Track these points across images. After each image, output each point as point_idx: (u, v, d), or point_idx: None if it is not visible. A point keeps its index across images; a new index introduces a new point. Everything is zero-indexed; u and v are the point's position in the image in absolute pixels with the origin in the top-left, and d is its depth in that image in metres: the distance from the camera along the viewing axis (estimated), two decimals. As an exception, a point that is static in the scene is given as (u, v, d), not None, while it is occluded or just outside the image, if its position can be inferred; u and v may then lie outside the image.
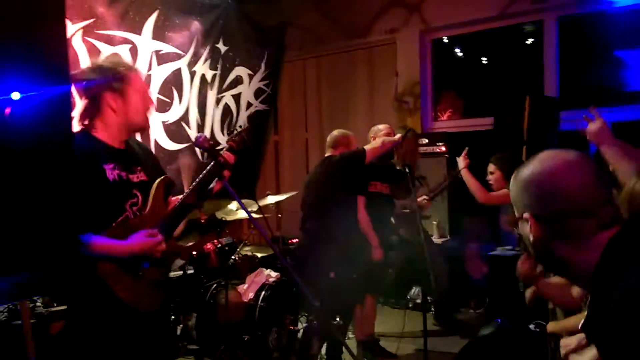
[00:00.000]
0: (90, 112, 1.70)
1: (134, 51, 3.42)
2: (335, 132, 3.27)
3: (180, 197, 1.79)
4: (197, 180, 1.76)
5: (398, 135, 3.06)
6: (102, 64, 1.74)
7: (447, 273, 3.75)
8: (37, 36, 0.86)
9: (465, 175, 3.34)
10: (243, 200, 1.87)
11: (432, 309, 3.99)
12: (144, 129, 1.90)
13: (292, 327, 2.96)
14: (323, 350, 2.99)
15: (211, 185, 1.78)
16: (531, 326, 2.28)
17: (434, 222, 4.29)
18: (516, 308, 3.00)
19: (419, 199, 3.31)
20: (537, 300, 2.65)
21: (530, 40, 4.63)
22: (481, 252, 3.93)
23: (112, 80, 1.69)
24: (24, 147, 0.82)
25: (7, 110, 0.78)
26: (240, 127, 2.06)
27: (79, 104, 1.74)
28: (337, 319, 2.22)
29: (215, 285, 3.04)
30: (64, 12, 0.94)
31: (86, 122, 1.70)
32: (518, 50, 4.74)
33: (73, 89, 1.71)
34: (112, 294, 1.58)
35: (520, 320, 2.92)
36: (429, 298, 3.86)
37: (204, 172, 1.76)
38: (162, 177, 1.79)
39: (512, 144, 3.55)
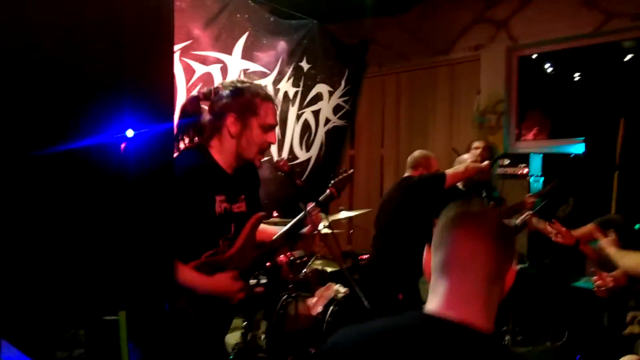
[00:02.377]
0: (210, 129, 1.67)
1: (224, 70, 3.67)
2: (416, 153, 3.25)
3: (269, 241, 1.78)
4: (286, 227, 1.77)
5: (486, 162, 2.97)
6: (239, 85, 1.70)
7: None
8: (149, 76, 0.99)
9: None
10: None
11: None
12: (254, 165, 1.77)
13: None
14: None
15: (301, 231, 1.77)
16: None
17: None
18: (597, 343, 2.81)
19: (522, 217, 3.17)
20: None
21: (628, 57, 4.31)
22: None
23: (239, 104, 1.64)
24: (134, 179, 0.95)
25: (123, 146, 0.91)
26: (345, 170, 2.00)
27: (205, 117, 1.71)
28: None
29: (286, 296, 3.15)
30: (173, 52, 1.07)
31: (203, 136, 1.67)
32: (614, 67, 4.43)
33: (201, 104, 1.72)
34: (185, 328, 1.54)
35: (601, 357, 2.73)
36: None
37: (296, 219, 1.76)
38: (259, 216, 1.72)
39: (604, 168, 3.34)
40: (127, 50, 0.99)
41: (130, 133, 0.93)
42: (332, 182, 1.93)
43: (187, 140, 1.67)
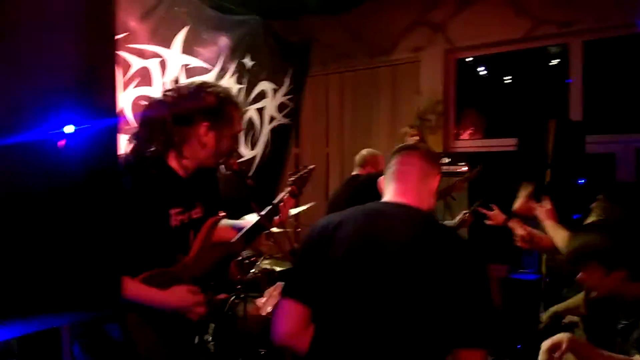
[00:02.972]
0: (176, 136, 1.50)
1: (163, 65, 3.52)
2: (364, 152, 3.28)
3: (226, 244, 1.69)
4: (245, 229, 1.67)
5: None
6: (210, 89, 1.54)
7: None
8: (91, 68, 0.90)
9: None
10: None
11: None
12: (213, 169, 1.67)
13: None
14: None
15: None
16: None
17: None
18: (533, 333, 2.97)
19: (459, 216, 3.28)
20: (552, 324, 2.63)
21: (555, 61, 4.61)
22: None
23: (214, 112, 1.50)
24: (74, 180, 0.86)
25: (61, 143, 0.82)
26: (305, 167, 1.96)
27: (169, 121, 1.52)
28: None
29: (234, 297, 3.07)
30: (115, 43, 0.99)
31: (168, 146, 1.49)
32: (542, 71, 4.72)
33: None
34: (133, 347, 1.42)
35: (538, 346, 2.88)
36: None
37: (254, 222, 1.68)
38: (214, 219, 1.62)
39: (536, 166, 3.53)
40: (65, 38, 0.90)
41: (69, 129, 0.84)
42: (292, 179, 1.87)
43: (149, 148, 1.50)
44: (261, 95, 4.48)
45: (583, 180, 3.55)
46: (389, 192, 1.50)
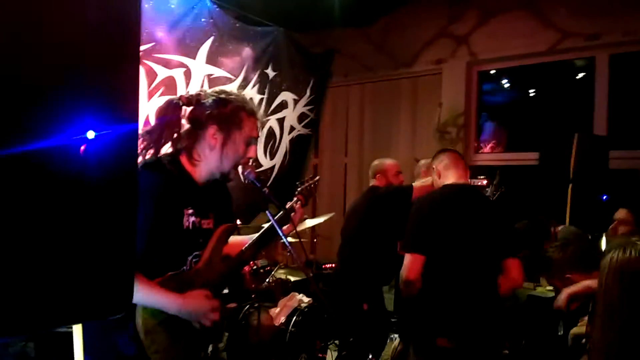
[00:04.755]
0: (187, 138, 1.55)
1: (187, 74, 3.60)
2: (374, 162, 3.29)
3: (238, 252, 1.69)
4: (256, 236, 1.69)
5: None
6: (223, 96, 1.59)
7: None
8: (113, 75, 0.93)
9: None
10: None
11: None
12: (227, 178, 1.66)
13: (320, 355, 2.96)
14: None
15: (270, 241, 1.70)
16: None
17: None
18: (553, 352, 2.89)
19: None
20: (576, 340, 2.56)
21: (580, 75, 4.54)
22: None
23: (223, 116, 1.54)
24: (94, 185, 0.89)
25: (82, 148, 0.85)
26: (311, 178, 1.96)
27: (184, 125, 1.60)
28: (370, 356, 2.19)
29: (248, 306, 3.09)
30: (139, 51, 1.02)
31: (178, 145, 1.55)
32: (567, 85, 4.65)
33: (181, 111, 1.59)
34: (144, 353, 1.43)
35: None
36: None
37: (264, 229, 1.69)
38: (226, 227, 1.64)
39: (558, 181, 3.47)
40: (90, 47, 0.94)
41: (91, 134, 0.87)
42: (299, 189, 1.89)
43: (161, 147, 1.55)
44: (282, 106, 4.52)
45: (606, 197, 3.47)
46: (453, 176, 2.31)
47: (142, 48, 3.26)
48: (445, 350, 2.03)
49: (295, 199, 1.83)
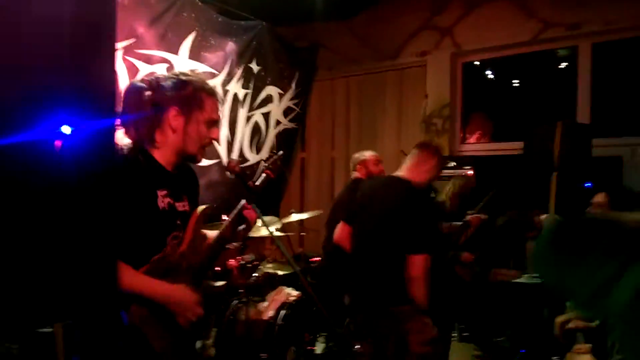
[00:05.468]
0: (148, 122, 1.53)
1: (170, 70, 3.56)
2: (354, 155, 3.32)
3: (216, 232, 1.70)
4: (233, 214, 1.68)
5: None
6: (182, 77, 1.57)
7: None
8: (88, 69, 0.92)
9: None
10: (266, 217, 1.84)
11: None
12: (195, 160, 1.65)
13: (309, 347, 2.97)
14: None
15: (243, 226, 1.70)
16: (554, 358, 2.24)
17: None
18: (539, 338, 2.94)
19: (469, 216, 3.27)
20: (566, 331, 2.60)
21: (563, 65, 4.58)
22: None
23: (182, 97, 1.53)
24: (71, 180, 0.87)
25: (58, 144, 0.84)
26: (274, 152, 1.95)
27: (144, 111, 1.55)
28: (357, 346, 2.21)
29: (236, 301, 3.09)
30: (115, 45, 1.01)
31: (145, 135, 1.53)
32: (550, 74, 4.69)
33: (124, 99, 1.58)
34: (145, 342, 1.43)
35: (542, 351, 2.86)
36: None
37: (239, 207, 1.69)
38: (204, 207, 1.65)
39: (542, 170, 3.51)
40: (64, 40, 0.92)
41: (67, 130, 0.85)
42: (265, 164, 1.87)
43: (127, 134, 1.54)
44: (267, 100, 4.51)
45: (590, 184, 3.51)
46: (400, 168, 2.58)
47: (123, 44, 3.22)
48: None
49: (263, 174, 1.79)
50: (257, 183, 1.73)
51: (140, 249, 1.47)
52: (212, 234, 1.76)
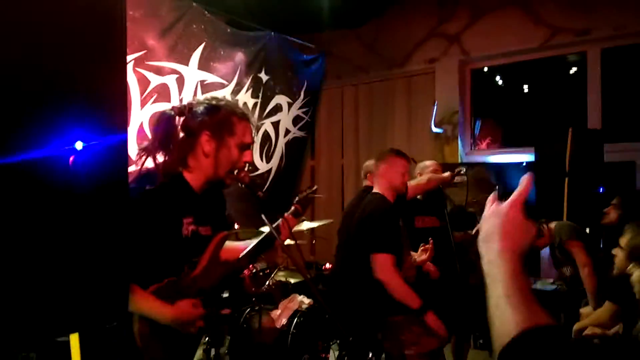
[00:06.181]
0: (181, 147, 1.56)
1: (180, 81, 3.60)
2: (366, 162, 3.32)
3: (235, 260, 1.71)
4: (251, 246, 1.70)
5: (447, 173, 3.03)
6: (214, 102, 1.60)
7: None
8: (100, 85, 0.93)
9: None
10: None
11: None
12: (224, 184, 1.65)
13: (323, 355, 2.96)
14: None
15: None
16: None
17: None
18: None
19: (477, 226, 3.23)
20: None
21: (573, 70, 4.55)
22: None
23: (214, 122, 1.55)
24: (83, 195, 0.89)
25: (71, 159, 0.85)
26: (310, 188, 1.98)
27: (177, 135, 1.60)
28: (370, 355, 2.20)
29: (249, 310, 3.09)
30: (126, 60, 1.02)
31: (177, 160, 1.55)
32: (560, 80, 4.67)
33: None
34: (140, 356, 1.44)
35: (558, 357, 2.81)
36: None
37: (260, 239, 1.71)
38: (224, 234, 1.66)
39: (554, 176, 3.48)
40: (76, 58, 0.94)
41: (79, 145, 0.87)
42: (297, 198, 1.89)
43: (156, 160, 1.56)
44: (276, 109, 4.53)
45: (602, 189, 3.48)
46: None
47: (133, 56, 3.26)
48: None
49: (292, 208, 1.83)
50: (285, 215, 1.75)
51: (156, 272, 1.49)
52: (233, 246, 1.77)
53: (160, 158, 1.57)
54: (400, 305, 2.27)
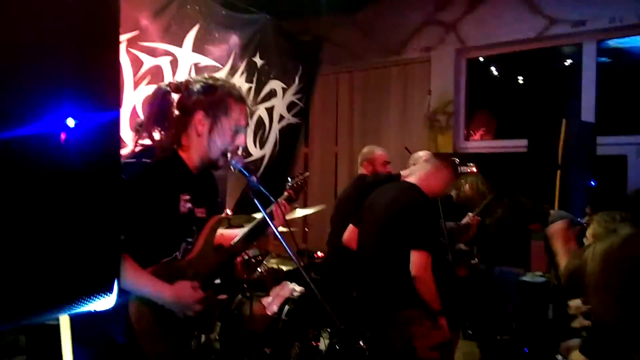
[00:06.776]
0: (176, 125, 1.54)
1: (174, 63, 3.54)
2: (365, 149, 3.30)
3: (229, 245, 1.69)
4: (246, 231, 1.68)
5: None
6: (211, 82, 1.58)
7: None
8: (92, 62, 0.91)
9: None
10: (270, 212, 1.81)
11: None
12: (216, 166, 1.62)
13: (314, 342, 2.96)
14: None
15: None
16: (559, 357, 2.23)
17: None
18: (543, 336, 2.93)
19: (465, 219, 3.24)
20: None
21: (568, 62, 4.55)
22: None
23: (210, 101, 1.53)
24: (75, 172, 0.86)
25: (63, 136, 0.83)
26: (301, 173, 1.95)
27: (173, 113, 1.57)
28: (361, 343, 2.20)
29: (240, 296, 3.08)
30: (118, 38, 0.99)
31: (169, 133, 1.53)
32: (555, 72, 4.66)
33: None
34: (134, 340, 1.42)
35: (546, 349, 2.85)
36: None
37: (253, 224, 1.69)
38: (218, 218, 1.65)
39: (546, 167, 3.49)
40: (68, 33, 0.91)
41: (71, 122, 0.84)
42: (290, 184, 1.87)
43: (152, 136, 1.54)
44: (271, 94, 4.49)
45: (594, 182, 3.50)
46: (410, 178, 2.56)
47: (127, 36, 3.20)
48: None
49: (285, 193, 1.81)
50: (278, 201, 1.72)
51: (153, 249, 1.47)
52: (227, 233, 1.75)
53: (156, 136, 1.55)
54: (414, 299, 2.25)
